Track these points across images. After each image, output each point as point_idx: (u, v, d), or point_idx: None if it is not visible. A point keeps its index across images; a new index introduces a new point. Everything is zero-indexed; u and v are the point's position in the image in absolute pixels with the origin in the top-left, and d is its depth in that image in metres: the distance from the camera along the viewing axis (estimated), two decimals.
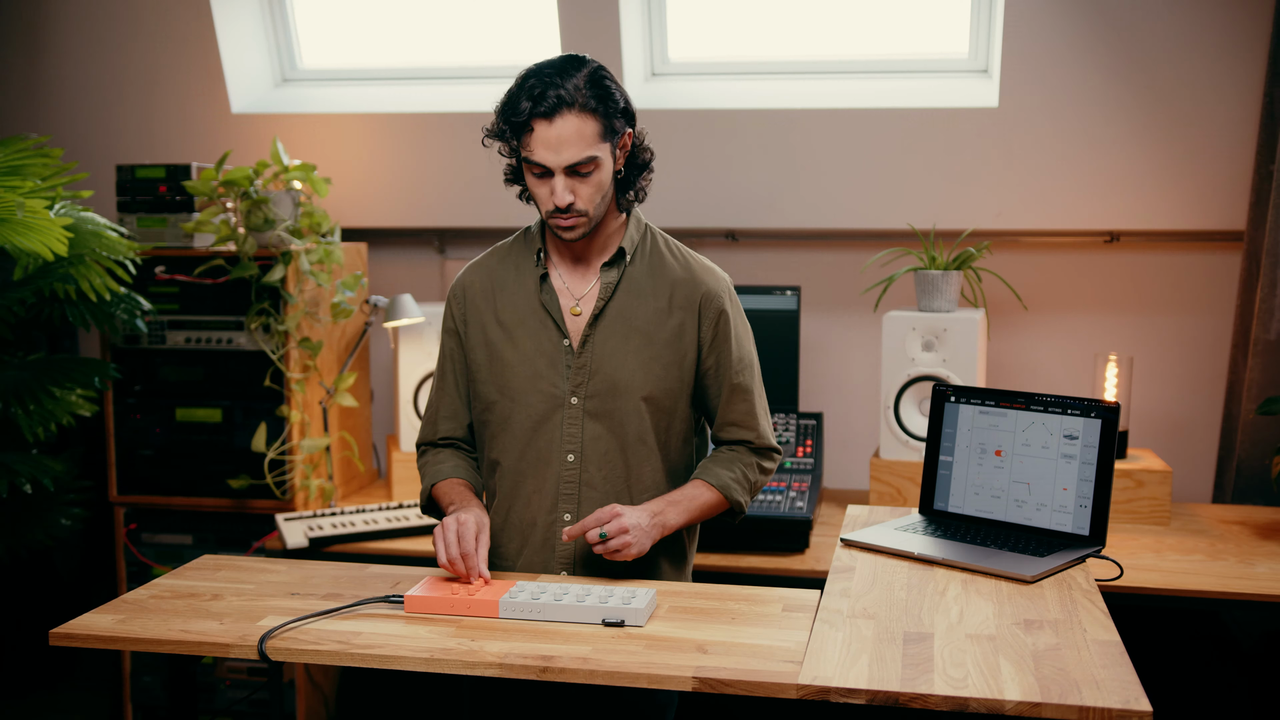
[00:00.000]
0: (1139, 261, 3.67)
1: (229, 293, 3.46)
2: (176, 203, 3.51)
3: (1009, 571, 2.03)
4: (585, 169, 2.07)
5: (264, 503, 3.50)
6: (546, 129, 2.04)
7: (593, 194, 2.10)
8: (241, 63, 4.01)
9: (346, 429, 3.70)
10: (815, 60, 3.82)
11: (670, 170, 3.75)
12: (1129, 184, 3.55)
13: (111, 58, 4.03)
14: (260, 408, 3.49)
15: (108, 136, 4.10)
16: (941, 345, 3.31)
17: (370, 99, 4.05)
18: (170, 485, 3.55)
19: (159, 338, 3.51)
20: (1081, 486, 2.20)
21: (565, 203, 2.07)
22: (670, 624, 1.91)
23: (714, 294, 2.22)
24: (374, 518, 3.34)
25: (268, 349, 3.43)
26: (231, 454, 3.51)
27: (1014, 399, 2.29)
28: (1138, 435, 3.66)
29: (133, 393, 3.55)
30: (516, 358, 2.20)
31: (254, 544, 3.49)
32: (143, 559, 3.59)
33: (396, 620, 1.95)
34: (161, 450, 3.55)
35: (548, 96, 2.03)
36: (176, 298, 3.49)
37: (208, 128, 4.03)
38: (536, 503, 2.20)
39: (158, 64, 4.00)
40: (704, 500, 2.20)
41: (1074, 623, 1.83)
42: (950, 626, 1.82)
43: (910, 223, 3.60)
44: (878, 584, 2.03)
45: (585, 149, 2.05)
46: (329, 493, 3.52)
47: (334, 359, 3.63)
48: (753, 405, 2.26)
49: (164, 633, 1.91)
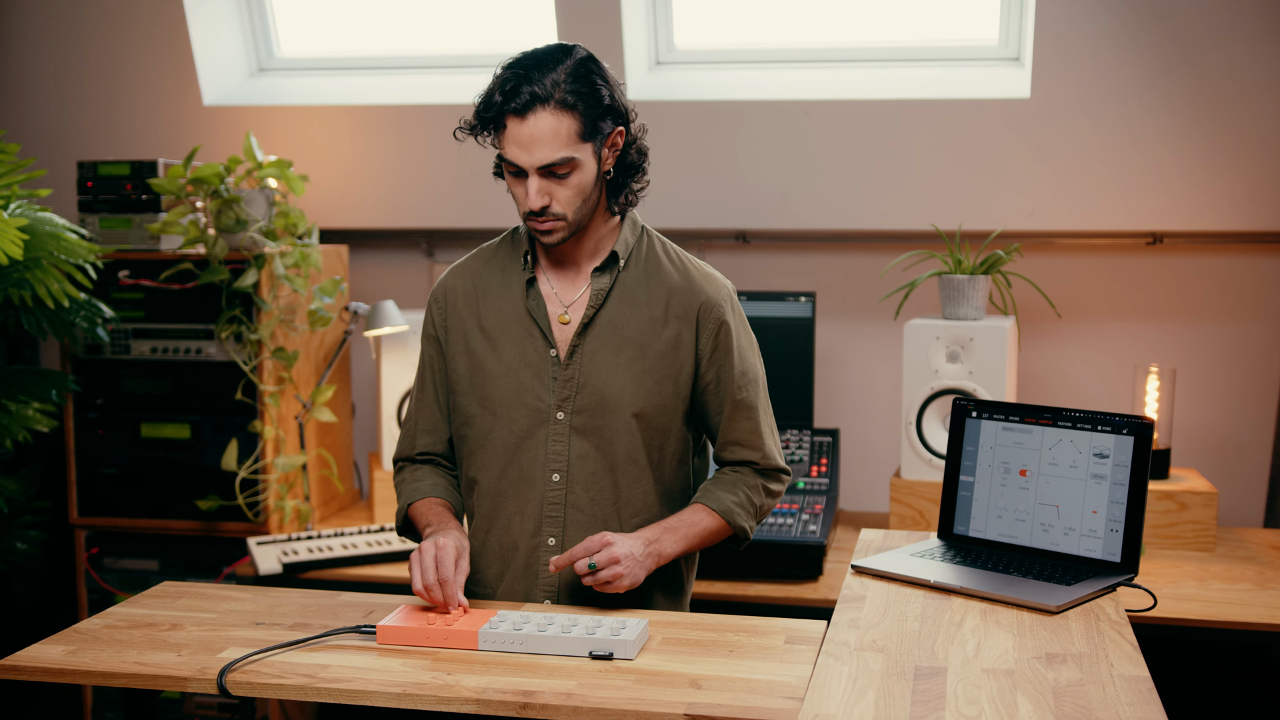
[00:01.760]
0: (1183, 265, 3.67)
1: (198, 299, 3.48)
2: (142, 202, 3.53)
3: (1032, 601, 2.03)
4: (561, 170, 2.08)
5: (235, 525, 3.51)
6: (519, 126, 2.05)
7: (571, 197, 2.11)
8: (214, 51, 4.04)
9: (325, 446, 3.71)
10: (832, 47, 3.83)
11: (676, 167, 3.77)
12: (1172, 181, 3.55)
13: (72, 44, 4.06)
14: (231, 423, 3.50)
15: (68, 130, 4.13)
16: (968, 356, 3.31)
17: (353, 90, 4.07)
18: (135, 506, 3.57)
19: (123, 347, 3.53)
20: (1112, 509, 2.19)
21: (538, 205, 2.09)
22: (663, 657, 1.92)
23: (713, 303, 2.22)
24: (353, 541, 3.35)
25: (240, 360, 3.44)
26: (200, 473, 3.53)
27: (1040, 414, 2.28)
28: (1181, 454, 3.65)
29: (94, 407, 3.57)
30: (499, 368, 2.21)
31: (224, 570, 3.50)
32: (105, 586, 3.60)
33: (368, 652, 1.96)
34: (125, 469, 3.57)
35: (521, 92, 2.04)
36: (141, 304, 3.51)
37: (177, 121, 4.05)
38: (518, 525, 2.21)
39: (123, 51, 4.03)
40: (704, 526, 2.20)
41: (1100, 657, 1.82)
42: (966, 660, 1.81)
43: (934, 223, 3.61)
44: (889, 614, 2.03)
45: (560, 149, 2.06)
46: (305, 515, 3.53)
47: (311, 370, 3.65)
48: (757, 423, 2.26)
49: (117, 665, 1.92)
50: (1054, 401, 3.71)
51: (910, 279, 3.53)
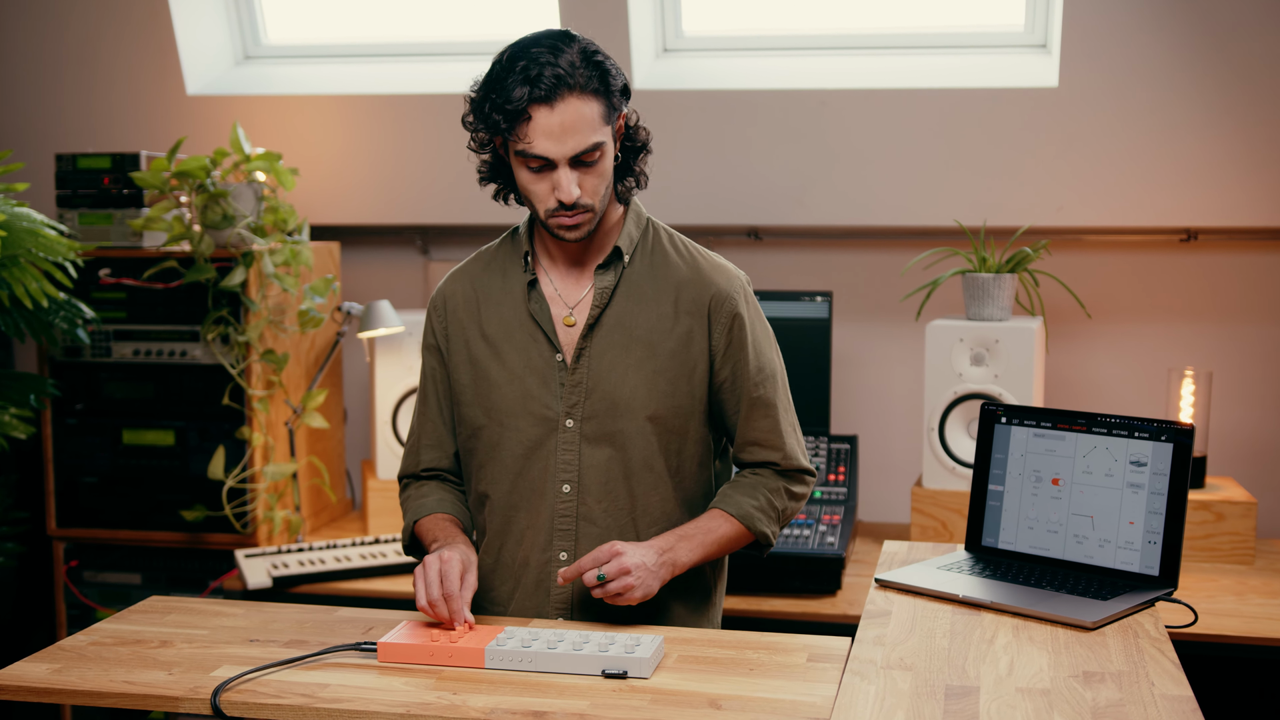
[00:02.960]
0: (1218, 263, 3.67)
1: (183, 299, 3.49)
2: (123, 196, 3.54)
3: (1067, 617, 2.04)
4: (590, 157, 2.08)
5: (222, 537, 3.51)
6: (548, 115, 2.04)
7: (598, 184, 2.11)
8: (197, 37, 4.04)
9: (316, 453, 3.72)
10: (850, 33, 3.84)
11: (684, 160, 3.77)
12: (1207, 175, 3.55)
13: (49, 31, 4.06)
14: (218, 429, 3.50)
15: (45, 121, 4.13)
16: (993, 359, 3.31)
17: (343, 79, 4.08)
18: (116, 517, 3.57)
19: (103, 350, 3.54)
20: (1150, 520, 2.20)
21: (574, 197, 2.08)
22: (679, 675, 1.92)
23: (725, 295, 2.22)
24: (346, 554, 3.35)
25: (227, 363, 3.45)
26: (185, 482, 3.53)
27: (1074, 420, 2.29)
28: (1218, 461, 3.65)
29: (73, 412, 3.57)
30: (504, 376, 2.21)
31: (211, 584, 3.50)
32: (85, 600, 3.61)
33: (369, 670, 1.96)
34: (106, 477, 3.57)
35: (544, 78, 2.02)
36: (123, 304, 3.52)
37: (159, 111, 4.06)
38: (530, 540, 2.21)
39: (102, 38, 4.03)
40: (722, 533, 2.20)
41: (1140, 675, 1.83)
42: (999, 679, 1.82)
43: (957, 219, 3.61)
44: (917, 630, 2.03)
45: (591, 135, 2.07)
46: (296, 526, 3.53)
47: (302, 374, 3.65)
48: (777, 421, 2.26)
49: (105, 684, 1.92)
50: (1083, 406, 3.71)
51: (932, 278, 3.53)
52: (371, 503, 3.64)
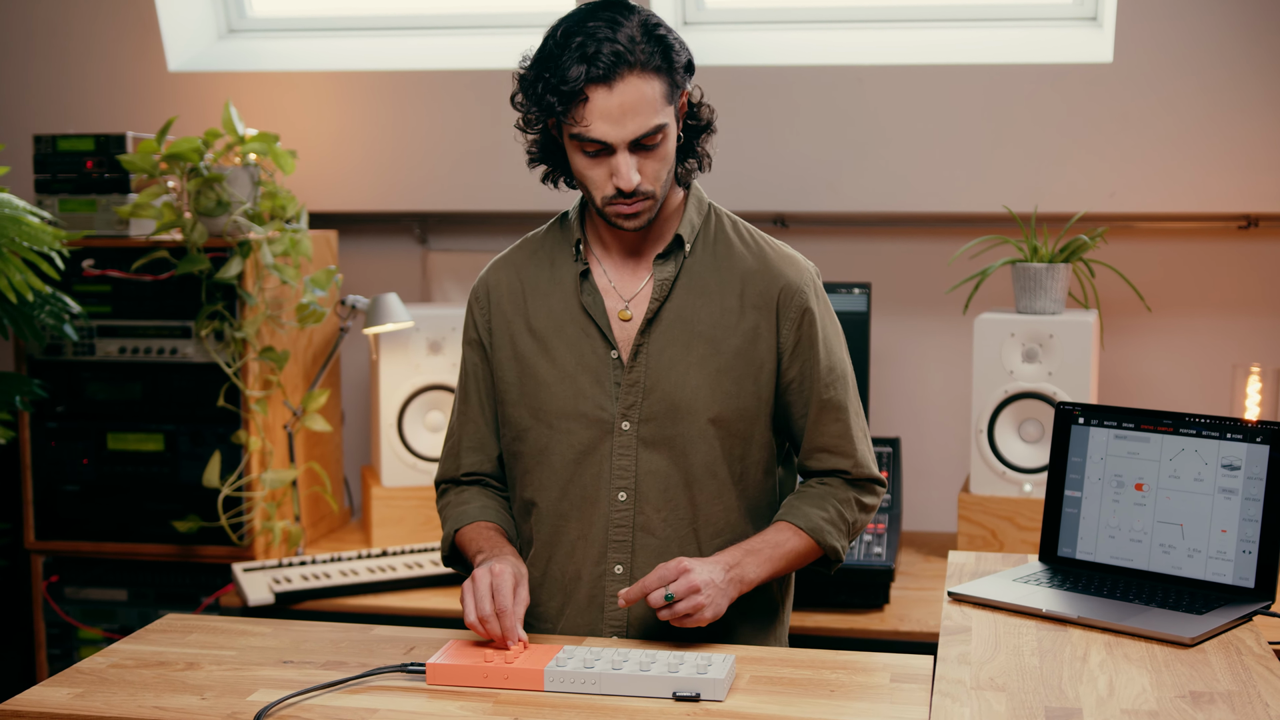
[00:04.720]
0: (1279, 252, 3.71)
1: (173, 292, 3.47)
2: (108, 181, 3.52)
3: (1163, 633, 2.04)
4: (652, 140, 2.07)
5: (216, 550, 3.51)
6: (606, 97, 2.03)
7: (659, 170, 2.10)
8: (179, 9, 4.02)
9: (316, 459, 3.71)
10: (886, 5, 3.85)
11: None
12: (1267, 158, 3.57)
13: (22, 4, 4.04)
14: (211, 433, 3.49)
15: (21, 100, 4.11)
16: (1046, 355, 3.32)
17: (336, 53, 4.06)
18: (99, 529, 3.56)
19: (87, 347, 3.52)
20: (1244, 528, 2.21)
21: (634, 184, 2.07)
22: (755, 698, 1.92)
23: (795, 288, 2.22)
24: (353, 568, 3.35)
25: (221, 361, 3.43)
26: (176, 490, 3.52)
27: (1159, 420, 2.30)
28: None
29: (54, 415, 3.55)
30: (554, 374, 2.20)
31: (205, 600, 3.49)
32: (66, 618, 3.59)
33: (418, 694, 1.95)
34: (89, 486, 3.56)
35: (602, 55, 2.01)
36: (108, 298, 3.51)
37: (139, 89, 4.04)
38: (581, 552, 2.21)
39: (78, 11, 4.00)
40: (790, 547, 2.20)
41: (1252, 695, 1.84)
42: (1100, 700, 1.83)
43: (1006, 205, 3.62)
44: (1002, 648, 2.04)
45: (653, 116, 2.05)
46: (296, 537, 3.52)
47: (302, 373, 3.64)
48: (848, 425, 2.26)
49: (134, 710, 1.92)
50: (1141, 405, 3.73)
51: (980, 268, 3.53)
52: (375, 512, 3.63)
